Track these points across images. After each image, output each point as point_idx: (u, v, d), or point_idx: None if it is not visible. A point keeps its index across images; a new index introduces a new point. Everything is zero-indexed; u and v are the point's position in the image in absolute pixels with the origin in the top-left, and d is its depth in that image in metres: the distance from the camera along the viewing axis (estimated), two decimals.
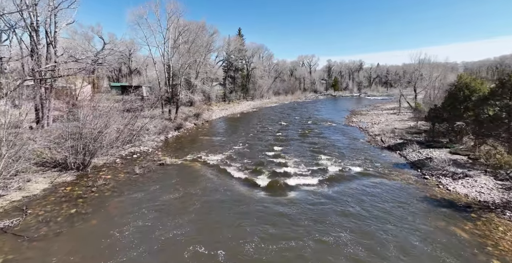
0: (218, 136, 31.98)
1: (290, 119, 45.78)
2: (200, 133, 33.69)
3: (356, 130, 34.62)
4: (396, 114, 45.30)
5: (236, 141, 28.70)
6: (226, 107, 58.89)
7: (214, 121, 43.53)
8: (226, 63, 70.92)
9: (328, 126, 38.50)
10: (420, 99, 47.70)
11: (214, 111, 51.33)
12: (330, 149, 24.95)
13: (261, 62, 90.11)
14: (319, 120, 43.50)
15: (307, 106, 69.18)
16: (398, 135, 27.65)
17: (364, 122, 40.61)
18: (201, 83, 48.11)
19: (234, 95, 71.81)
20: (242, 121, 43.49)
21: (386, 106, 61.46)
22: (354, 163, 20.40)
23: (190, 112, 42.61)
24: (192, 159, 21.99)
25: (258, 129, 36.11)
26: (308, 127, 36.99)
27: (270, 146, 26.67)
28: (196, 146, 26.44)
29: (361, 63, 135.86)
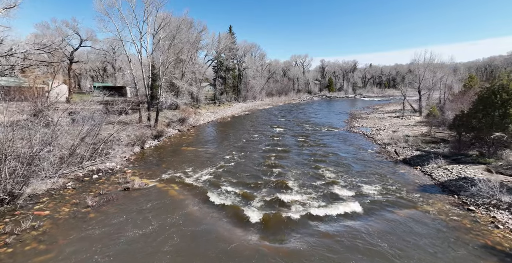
0: (205, 145, 27.66)
1: (286, 123, 41.79)
2: (184, 141, 29.28)
3: (360, 138, 30.85)
4: (400, 118, 41.88)
5: (225, 152, 24.47)
6: (216, 110, 54.48)
7: (201, 127, 39.10)
8: (216, 62, 66.51)
9: (328, 132, 34.65)
10: (423, 101, 44.51)
11: (202, 115, 46.86)
12: (335, 163, 20.98)
13: (253, 61, 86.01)
14: (318, 125, 39.64)
15: (302, 108, 65.44)
16: (412, 145, 23.92)
17: (367, 127, 36.95)
18: (188, 84, 43.63)
19: (225, 97, 67.42)
20: (233, 127, 39.23)
21: (386, 108, 58.22)
22: (369, 184, 16.49)
23: (174, 116, 38.11)
24: (169, 178, 17.65)
25: (251, 136, 31.95)
26: (306, 134, 33.03)
27: (264, 158, 22.54)
28: (177, 160, 22.07)
29: (355, 64, 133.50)
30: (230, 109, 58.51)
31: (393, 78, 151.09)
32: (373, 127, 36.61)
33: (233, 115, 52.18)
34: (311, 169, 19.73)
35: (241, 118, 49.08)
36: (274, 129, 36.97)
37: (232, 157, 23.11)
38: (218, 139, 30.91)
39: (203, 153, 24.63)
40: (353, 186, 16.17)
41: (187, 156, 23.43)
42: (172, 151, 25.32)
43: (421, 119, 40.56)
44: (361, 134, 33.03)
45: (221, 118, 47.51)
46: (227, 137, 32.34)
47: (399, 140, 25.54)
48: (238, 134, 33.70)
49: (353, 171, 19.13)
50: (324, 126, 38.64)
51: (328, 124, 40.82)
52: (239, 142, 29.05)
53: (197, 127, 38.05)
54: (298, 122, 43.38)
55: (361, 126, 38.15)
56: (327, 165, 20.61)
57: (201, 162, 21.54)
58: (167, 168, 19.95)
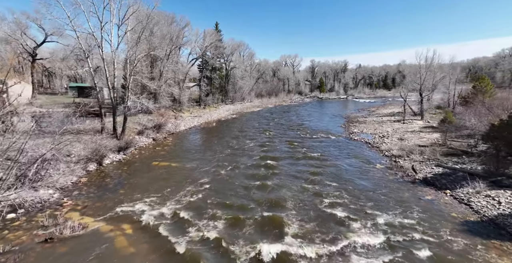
0: (182, 158, 22.94)
1: (277, 128, 37.48)
2: (157, 153, 24.42)
3: (363, 147, 26.88)
4: (402, 123, 38.38)
5: (205, 168, 19.87)
6: (200, 114, 49.59)
7: (181, 134, 34.21)
8: (201, 61, 61.59)
9: (326, 139, 30.56)
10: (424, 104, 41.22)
11: (184, 120, 41.93)
12: (339, 184, 16.79)
13: (242, 61, 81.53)
14: (313, 131, 35.53)
15: (294, 110, 61.41)
16: (430, 158, 20.03)
17: (368, 134, 33.12)
18: (167, 85, 38.65)
19: (211, 99, 62.59)
20: (218, 133, 34.58)
21: (382, 111, 54.93)
22: (387, 216, 12.35)
23: (150, 122, 33.11)
24: (122, 215, 12.91)
25: (238, 145, 27.44)
26: (301, 142, 28.80)
27: (253, 177, 18.11)
28: (142, 181, 17.28)
29: (345, 64, 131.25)
30: (217, 112, 53.77)
31: (382, 78, 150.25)
32: (375, 133, 32.82)
33: (219, 119, 47.47)
34: (311, 193, 15.41)
35: (228, 122, 44.45)
36: (264, 136, 32.58)
37: (213, 176, 18.53)
38: (199, 149, 26.21)
39: (178, 169, 19.94)
40: (372, 226, 11.93)
41: (157, 175, 18.67)
42: (139, 167, 20.46)
43: (424, 123, 37.18)
44: (363, 142, 29.09)
45: (205, 123, 42.71)
46: (211, 146, 27.69)
47: (412, 152, 21.62)
48: (224, 142, 29.11)
49: (363, 196, 14.97)
50: (320, 132, 34.56)
51: (324, 129, 36.80)
52: (224, 153, 24.51)
53: (176, 135, 33.15)
54: (291, 127, 39.17)
55: (361, 132, 34.31)
56: (329, 187, 16.36)
57: (174, 183, 16.87)
58: (126, 195, 15.17)
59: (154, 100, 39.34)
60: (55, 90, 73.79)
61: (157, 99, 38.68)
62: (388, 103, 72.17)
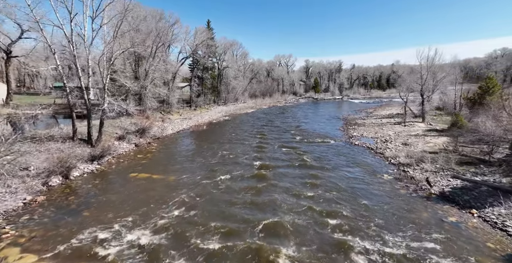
0: (166, 168, 20.29)
1: (272, 132, 35.03)
2: (138, 162, 21.68)
3: (365, 153, 24.65)
4: (403, 126, 36.39)
5: (189, 183, 17.28)
6: (191, 116, 46.82)
7: (168, 138, 31.44)
8: (192, 60, 58.81)
9: (324, 144, 28.26)
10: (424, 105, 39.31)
11: (172, 122, 39.13)
12: (344, 202, 14.45)
13: (235, 60, 78.98)
14: (310, 134, 33.22)
15: (289, 112, 59.12)
16: (443, 168, 17.84)
17: (368, 137, 30.96)
18: (152, 85, 35.83)
19: (202, 100, 59.85)
20: (209, 137, 31.94)
21: (380, 112, 53.06)
22: (408, 253, 10.02)
23: (133, 126, 30.28)
24: (78, 249, 10.25)
25: (230, 151, 24.89)
26: (298, 147, 26.43)
27: (243, 195, 15.61)
28: (114, 199, 14.59)
29: (340, 64, 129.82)
30: (208, 114, 51.05)
31: (377, 79, 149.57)
32: (376, 137, 30.68)
33: (210, 121, 44.77)
34: (310, 214, 13.00)
35: (220, 125, 41.83)
36: (258, 140, 30.11)
37: (200, 189, 16.00)
38: (186, 157, 23.56)
39: (160, 182, 17.31)
40: (378, 252, 9.57)
41: (134, 190, 15.99)
42: (113, 180, 17.73)
43: (426, 126, 35.28)
44: (364, 147, 26.88)
45: (195, 125, 39.96)
46: (199, 152, 25.08)
47: (422, 160, 19.43)
48: (214, 148, 26.54)
49: (371, 215, 12.72)
50: (318, 136, 32.27)
51: (322, 133, 34.53)
52: (214, 161, 21.98)
53: (162, 140, 30.37)
54: (287, 130, 36.80)
55: (361, 136, 32.15)
56: (331, 204, 14.00)
57: (152, 201, 14.26)
58: (90, 218, 12.49)
59: (139, 102, 36.54)
60: (38, 90, 70.03)
61: (143, 101, 35.83)
62: (385, 104, 70.58)
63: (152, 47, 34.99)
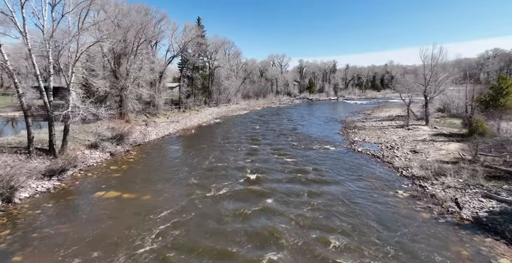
0: (140, 184, 17.10)
1: (267, 137, 32.09)
2: (108, 177, 18.39)
3: (371, 162, 21.92)
4: (406, 129, 33.93)
5: (168, 203, 14.18)
6: (179, 118, 43.50)
7: (150, 145, 28.13)
8: (181, 59, 55.46)
9: (324, 151, 25.46)
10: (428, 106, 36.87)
11: (157, 126, 35.79)
12: (353, 229, 11.64)
13: (227, 59, 75.83)
14: (308, 140, 30.38)
15: (284, 113, 56.27)
16: (468, 183, 15.16)
17: (372, 143, 28.31)
18: (134, 85, 32.45)
19: (192, 101, 56.54)
20: (195, 144, 28.77)
21: (379, 114, 50.71)
22: None
23: (110, 131, 26.88)
24: None
25: (217, 162, 21.81)
26: (296, 157, 23.53)
27: (233, 218, 12.63)
28: (63, 234, 11.38)
29: (334, 64, 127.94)
30: (198, 117, 47.77)
31: (371, 79, 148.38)
32: (380, 142, 28.07)
33: (200, 124, 41.54)
34: (315, 246, 10.08)
35: (210, 128, 38.66)
36: (251, 147, 27.15)
37: (182, 211, 12.97)
38: (168, 167, 20.40)
39: (130, 205, 14.16)
40: None
41: (94, 217, 12.79)
42: (71, 203, 14.45)
43: (430, 129, 32.89)
44: (369, 154, 24.16)
45: (183, 129, 36.70)
46: (184, 161, 21.96)
47: (441, 172, 16.74)
48: (202, 156, 23.45)
49: (390, 249, 9.88)
50: (316, 141, 29.49)
51: (321, 137, 31.76)
52: (200, 172, 18.98)
53: (143, 147, 27.06)
54: (282, 133, 33.93)
55: (363, 141, 29.50)
56: (338, 231, 11.13)
57: (116, 235, 11.11)
58: None
59: (119, 104, 33.14)
60: (27, 90, 65.46)
61: (123, 103, 32.41)
62: (382, 105, 68.54)
63: (134, 43, 31.62)
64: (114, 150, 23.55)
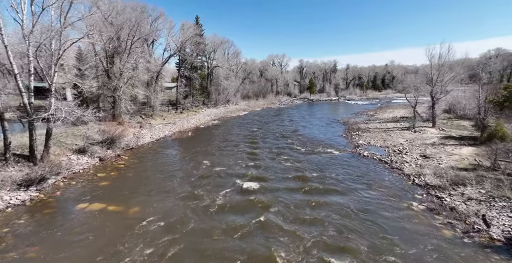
0: (127, 195, 15.57)
1: (267, 139, 30.56)
2: (94, 186, 16.85)
3: (378, 168, 20.41)
4: (412, 131, 32.41)
5: (156, 217, 12.62)
6: (175, 120, 41.96)
7: (144, 149, 26.57)
8: (178, 58, 53.91)
9: (328, 156, 23.92)
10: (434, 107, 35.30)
11: (152, 129, 34.24)
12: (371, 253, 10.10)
13: (226, 59, 74.30)
14: (311, 142, 28.85)
15: (284, 114, 54.71)
16: (493, 195, 13.62)
17: (377, 147, 26.80)
18: (127, 85, 30.91)
19: (190, 102, 55.00)
20: (192, 147, 27.25)
21: (382, 115, 49.18)
22: None
23: (101, 134, 25.33)
24: None
25: (214, 168, 20.29)
26: (298, 162, 22.00)
27: (230, 237, 11.09)
28: (31, 259, 9.85)
29: (335, 64, 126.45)
30: (195, 118, 46.22)
31: (371, 79, 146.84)
32: (386, 146, 26.55)
33: (197, 126, 39.99)
34: None
35: (208, 131, 37.11)
36: (251, 150, 25.65)
37: (167, 234, 11.35)
38: (160, 174, 18.86)
39: (115, 220, 12.62)
40: None
41: (72, 237, 11.26)
42: (48, 218, 12.88)
43: (438, 132, 31.40)
44: (376, 159, 22.63)
45: (179, 132, 35.16)
46: (178, 168, 20.41)
47: (458, 181, 15.21)
48: (197, 161, 21.93)
49: None
50: (319, 144, 27.99)
51: (324, 140, 30.25)
52: (194, 180, 17.40)
53: (136, 151, 25.52)
54: (283, 136, 32.42)
55: (368, 144, 27.99)
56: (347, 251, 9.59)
57: (96, 258, 9.57)
58: None
59: (113, 105, 31.61)
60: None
61: (116, 104, 30.87)
62: (385, 106, 66.95)
63: (127, 41, 30.07)
64: (103, 154, 22.00)
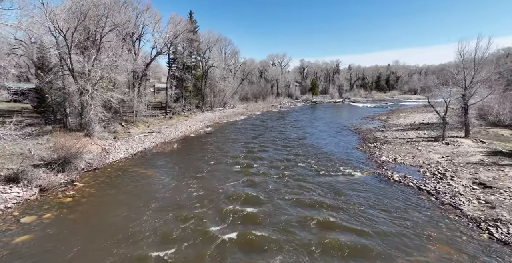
0: (64, 251, 9.93)
1: (267, 154, 24.90)
2: (4, 245, 11.23)
3: (420, 202, 14.82)
4: (442, 143, 26.82)
5: None
6: (161, 127, 36.30)
7: (111, 169, 20.83)
8: (167, 56, 48.29)
9: (346, 180, 18.30)
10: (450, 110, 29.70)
11: (130, 139, 28.58)
12: None
13: (223, 59, 68.72)
14: (320, 159, 23.19)
15: (287, 119, 48.99)
16: None
17: (407, 165, 21.20)
18: (97, 88, 25.18)
19: (182, 105, 49.35)
20: (172, 167, 21.60)
21: (398, 121, 43.51)
22: None
23: (53, 150, 19.60)
24: None
25: (197, 201, 14.64)
26: (307, 188, 16.38)
27: None
28: None
29: (337, 64, 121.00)
30: (186, 124, 40.54)
31: (375, 80, 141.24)
32: (418, 165, 20.98)
33: (186, 135, 34.32)
34: None
35: (198, 141, 31.45)
36: (247, 171, 20.06)
37: None
38: (118, 215, 13.22)
39: None
40: None
41: None
42: None
43: (475, 144, 25.85)
44: (412, 187, 17.01)
45: (162, 143, 29.49)
46: (148, 199, 14.75)
47: None
48: (176, 189, 16.31)
49: None
50: (333, 160, 22.47)
51: (336, 154, 24.64)
52: (166, 223, 11.74)
53: (100, 172, 19.81)
54: (287, 148, 26.84)
55: (394, 161, 22.41)
56: None
57: None
58: None
59: (80, 112, 26.00)
60: None
61: (85, 111, 25.22)
62: (396, 109, 61.38)
63: (96, 33, 24.46)
64: (47, 182, 16.29)
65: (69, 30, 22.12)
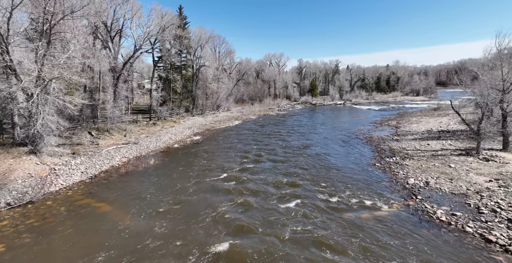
0: None
1: (263, 173, 19.66)
2: None
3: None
4: (480, 159, 21.83)
5: None
6: (140, 137, 30.92)
7: (52, 202, 15.45)
8: (157, 56, 42.92)
9: (368, 220, 13.20)
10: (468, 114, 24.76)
11: (95, 155, 23.18)
12: None
13: (217, 58, 63.53)
14: (331, 178, 18.03)
15: (286, 125, 43.68)
16: None
17: (445, 192, 16.17)
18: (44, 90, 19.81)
19: (169, 109, 44.01)
20: (144, 193, 16.30)
21: (411, 127, 38.42)
22: None
23: None
24: None
25: (172, 246, 9.46)
26: (323, 237, 11.21)
27: None
28: None
29: (337, 64, 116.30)
30: (171, 132, 35.17)
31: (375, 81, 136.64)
32: (461, 192, 15.98)
33: (168, 146, 28.97)
34: None
35: (182, 154, 26.13)
36: (238, 199, 14.81)
37: None
38: None
39: None
40: None
41: None
42: None
43: None
44: (471, 235, 11.93)
45: (136, 158, 24.15)
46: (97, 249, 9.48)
47: None
48: (138, 235, 10.95)
49: None
50: (346, 182, 17.39)
51: (349, 174, 19.52)
52: None
53: (36, 207, 14.46)
54: (290, 163, 21.62)
55: (426, 186, 17.36)
56: None
57: None
58: None
59: (28, 120, 20.62)
60: None
61: (32, 119, 19.82)
62: (403, 113, 56.38)
63: (44, 21, 19.12)
64: None
65: (4, 15, 16.78)
